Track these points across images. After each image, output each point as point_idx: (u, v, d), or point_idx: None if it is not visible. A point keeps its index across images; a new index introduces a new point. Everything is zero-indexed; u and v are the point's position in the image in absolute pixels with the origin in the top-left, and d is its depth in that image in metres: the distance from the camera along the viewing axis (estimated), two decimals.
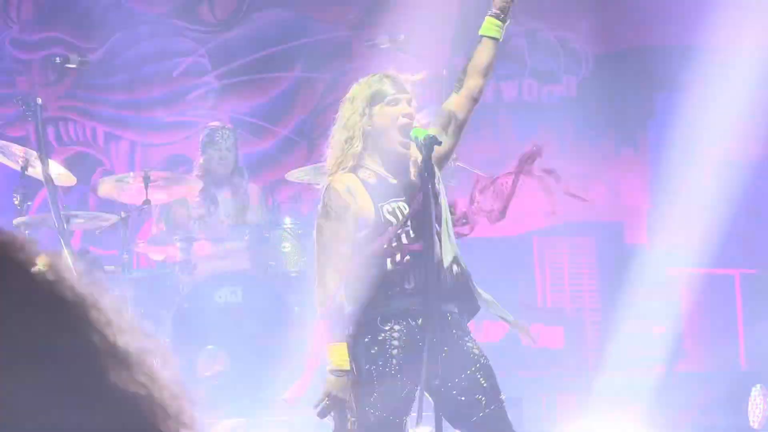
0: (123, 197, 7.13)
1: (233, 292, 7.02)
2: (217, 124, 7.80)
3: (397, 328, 4.31)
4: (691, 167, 9.21)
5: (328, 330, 4.31)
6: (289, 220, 7.32)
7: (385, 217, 4.35)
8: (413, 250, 4.31)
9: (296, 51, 9.52)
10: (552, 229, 8.96)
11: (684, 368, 8.36)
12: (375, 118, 4.38)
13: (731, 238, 8.80)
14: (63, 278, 1.14)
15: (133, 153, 9.56)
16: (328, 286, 4.30)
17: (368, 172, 4.41)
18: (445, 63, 7.01)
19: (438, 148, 4.32)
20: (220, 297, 7.01)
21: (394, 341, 4.31)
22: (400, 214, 4.36)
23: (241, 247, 7.43)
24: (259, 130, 9.50)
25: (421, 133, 4.28)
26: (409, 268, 4.32)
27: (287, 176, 7.61)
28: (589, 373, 8.20)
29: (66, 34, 9.46)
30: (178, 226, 7.51)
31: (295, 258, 7.22)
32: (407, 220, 4.32)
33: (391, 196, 4.38)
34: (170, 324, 6.88)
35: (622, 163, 9.40)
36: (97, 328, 1.11)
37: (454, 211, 4.51)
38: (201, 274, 7.14)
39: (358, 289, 4.34)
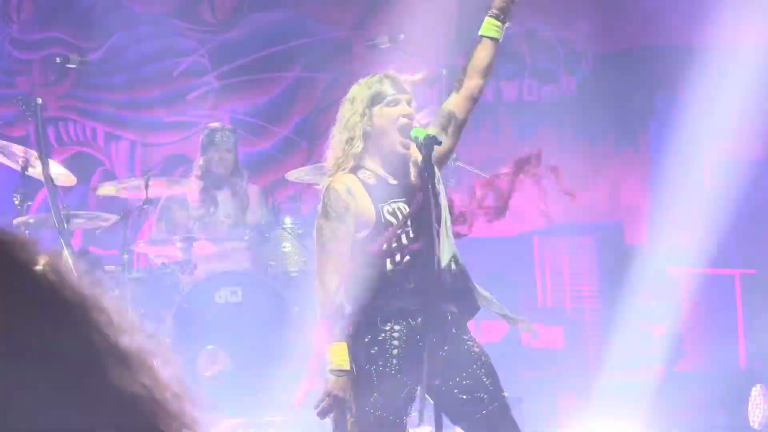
0: (123, 194, 7.21)
1: (233, 292, 7.02)
2: (217, 125, 7.77)
3: (397, 328, 4.31)
4: (691, 167, 9.22)
5: (328, 330, 4.31)
6: (289, 220, 7.32)
7: (385, 218, 4.35)
8: (413, 250, 4.31)
9: (296, 51, 9.52)
10: (552, 229, 8.94)
11: (684, 368, 8.36)
12: (375, 119, 4.39)
13: (731, 238, 8.80)
14: (64, 279, 1.14)
15: (133, 153, 9.55)
16: (328, 286, 4.30)
17: (368, 173, 4.41)
18: (445, 63, 7.00)
19: (438, 148, 4.32)
20: (220, 297, 7.01)
21: (394, 341, 4.31)
22: (400, 215, 4.36)
23: (241, 247, 7.43)
24: (259, 130, 9.50)
25: (421, 133, 4.29)
26: (409, 269, 4.32)
27: (287, 176, 7.61)
28: (589, 373, 8.19)
29: (66, 34, 9.45)
30: (178, 227, 7.52)
31: (295, 258, 7.22)
32: (407, 220, 4.32)
33: (391, 197, 4.38)
34: (170, 324, 6.88)
35: (622, 163, 9.39)
36: (99, 328, 1.11)
37: (453, 211, 4.51)
38: (201, 274, 7.14)
39: (358, 290, 4.34)
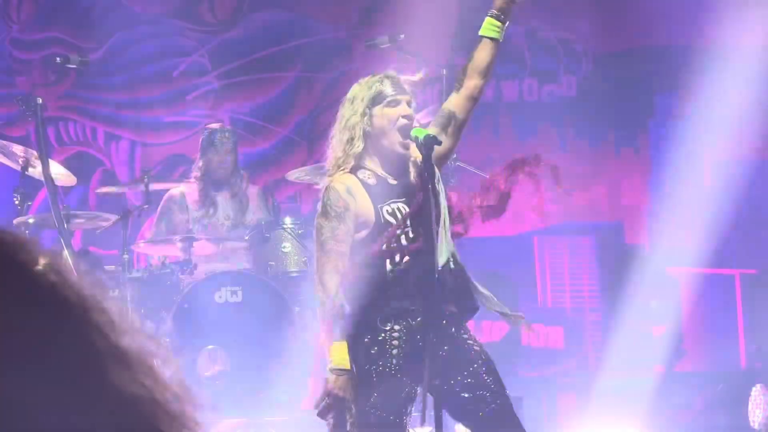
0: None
1: (233, 292, 7.01)
2: (216, 126, 7.71)
3: (397, 329, 4.31)
4: (691, 167, 9.22)
5: (327, 329, 4.31)
6: (289, 220, 7.31)
7: (384, 218, 4.35)
8: (413, 250, 4.31)
9: (296, 51, 9.52)
10: (552, 229, 8.95)
11: (684, 368, 8.36)
12: (375, 119, 4.39)
13: (731, 238, 8.80)
14: (64, 279, 1.14)
15: (133, 153, 9.55)
16: (328, 286, 4.30)
17: (368, 173, 4.41)
18: (445, 63, 7.00)
19: (438, 148, 4.32)
20: (220, 297, 7.00)
21: (393, 341, 4.31)
22: (399, 215, 4.36)
23: (241, 247, 7.43)
24: (259, 130, 9.50)
25: (421, 132, 4.29)
26: (408, 269, 4.32)
27: (287, 176, 7.61)
28: (589, 373, 8.19)
29: (66, 34, 9.45)
30: (178, 228, 7.51)
31: (295, 258, 7.22)
32: (407, 221, 4.32)
33: (390, 197, 4.39)
34: (170, 324, 6.88)
35: (622, 163, 9.39)
36: (99, 328, 1.11)
37: (452, 210, 4.51)
38: (201, 274, 7.14)
39: (358, 290, 4.34)
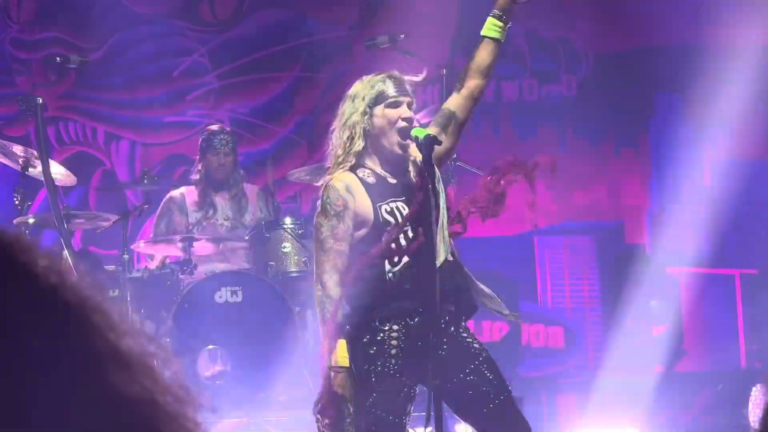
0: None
1: (233, 292, 7.02)
2: (215, 128, 7.67)
3: (396, 329, 4.31)
4: (691, 167, 9.22)
5: (326, 327, 4.31)
6: (289, 220, 7.31)
7: (383, 217, 4.35)
8: (412, 250, 4.31)
9: (296, 51, 9.52)
10: (552, 229, 8.95)
11: (684, 368, 8.36)
12: (375, 119, 4.39)
13: (731, 238, 8.80)
14: (64, 281, 1.13)
15: (133, 153, 9.55)
16: (326, 285, 4.30)
17: (367, 171, 4.41)
18: (445, 63, 7.00)
19: (438, 148, 4.32)
20: (220, 297, 7.01)
21: (392, 341, 4.30)
22: (398, 214, 4.36)
23: (241, 247, 7.43)
24: (259, 130, 9.50)
25: (421, 132, 4.29)
26: (407, 269, 4.31)
27: (287, 176, 7.61)
28: (589, 373, 8.20)
29: (66, 34, 9.45)
30: (177, 229, 7.51)
31: (295, 258, 7.22)
32: (406, 222, 4.31)
33: (389, 196, 4.39)
34: (170, 324, 6.88)
35: (622, 163, 9.39)
36: (99, 330, 1.11)
37: (451, 210, 4.50)
38: (201, 274, 7.14)
39: (356, 289, 4.34)
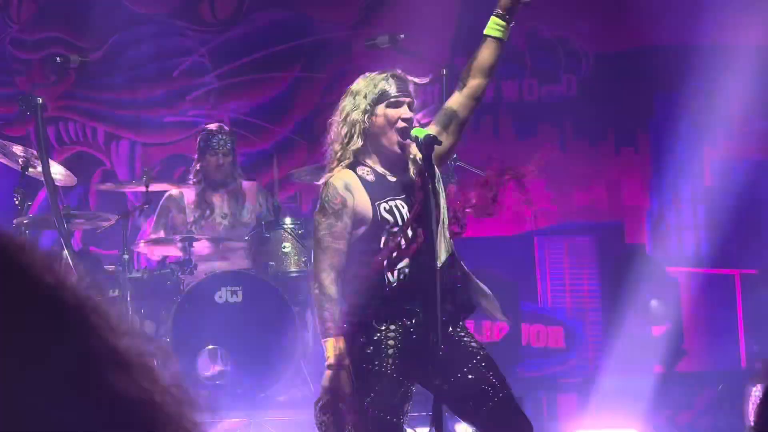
0: (125, 189, 7.27)
1: (233, 292, 7.01)
2: (213, 128, 7.61)
3: (393, 328, 4.31)
4: (691, 167, 9.22)
5: (323, 326, 4.31)
6: (289, 220, 7.31)
7: (382, 216, 4.35)
8: (411, 250, 4.30)
9: (296, 51, 9.52)
10: (552, 229, 8.95)
11: (684, 368, 8.36)
12: (375, 118, 4.39)
13: (731, 238, 8.80)
14: (63, 281, 1.13)
15: (133, 153, 9.55)
16: (324, 283, 4.30)
17: (367, 170, 4.41)
18: (445, 63, 7.00)
19: (439, 147, 4.32)
20: (220, 297, 7.00)
21: (389, 341, 4.30)
22: (397, 213, 4.36)
23: (241, 247, 7.42)
24: (259, 130, 9.50)
25: (421, 132, 4.28)
26: (406, 269, 4.31)
27: (287, 176, 7.61)
28: (589, 373, 8.19)
29: (66, 34, 9.45)
30: (176, 229, 7.51)
31: (295, 258, 7.22)
32: (409, 224, 4.29)
33: (389, 194, 4.39)
34: (170, 324, 6.88)
35: (622, 163, 9.39)
36: (98, 331, 1.11)
37: (448, 210, 4.50)
38: (201, 274, 7.14)
39: (354, 288, 4.34)
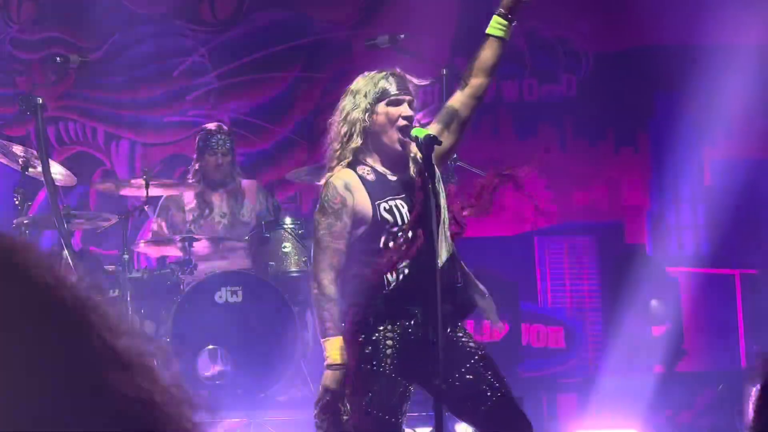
0: (124, 192, 7.23)
1: (233, 292, 7.01)
2: (213, 128, 7.61)
3: (391, 328, 4.31)
4: (691, 167, 9.22)
5: (322, 325, 4.31)
6: (289, 220, 7.31)
7: (381, 216, 4.35)
8: (413, 252, 4.30)
9: (296, 51, 9.52)
10: (552, 229, 8.95)
11: (684, 368, 8.35)
12: (375, 116, 4.39)
13: (731, 238, 8.80)
14: (63, 281, 1.13)
15: (133, 153, 9.55)
16: (323, 283, 4.30)
17: (367, 169, 4.41)
18: (445, 63, 7.00)
19: (440, 145, 4.32)
20: (220, 297, 7.00)
21: (388, 341, 4.30)
22: (397, 213, 4.36)
23: (241, 246, 7.42)
24: (259, 130, 9.50)
25: (421, 132, 4.28)
26: (405, 268, 4.31)
27: (287, 176, 7.61)
28: (589, 373, 8.20)
29: (66, 34, 9.45)
30: (176, 228, 7.51)
31: (295, 258, 7.22)
32: (412, 225, 4.28)
33: (389, 194, 4.38)
34: (170, 324, 6.88)
35: (622, 163, 9.39)
36: (98, 331, 1.11)
37: (449, 210, 4.50)
38: (201, 274, 7.14)
39: (354, 288, 4.34)
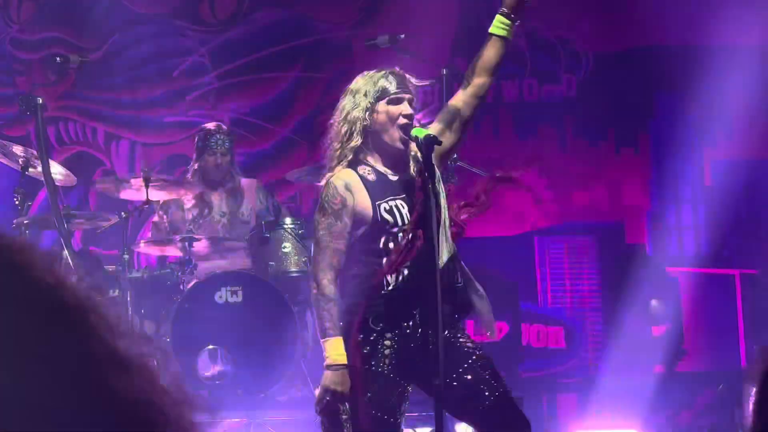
0: (123, 195, 7.16)
1: (233, 292, 7.01)
2: (212, 128, 7.59)
3: (390, 329, 4.31)
4: (691, 167, 9.22)
5: (322, 325, 4.30)
6: (289, 220, 7.31)
7: (382, 216, 4.34)
8: (413, 254, 4.29)
9: (296, 51, 9.52)
10: (552, 229, 8.95)
11: (684, 368, 8.35)
12: (376, 115, 4.38)
13: (731, 238, 8.80)
14: (62, 282, 1.13)
15: (133, 153, 9.55)
16: (322, 283, 4.30)
17: (368, 169, 4.41)
18: (445, 63, 7.00)
19: (442, 144, 4.33)
20: (220, 297, 7.00)
21: (386, 341, 4.30)
22: (397, 213, 4.36)
23: (241, 246, 7.42)
24: (259, 130, 9.50)
25: (421, 132, 4.28)
26: (404, 269, 4.31)
27: (287, 176, 7.61)
28: (589, 373, 8.20)
29: (66, 34, 9.45)
30: (176, 227, 7.51)
31: (295, 258, 7.22)
32: (413, 226, 4.28)
33: (389, 194, 4.38)
34: (170, 324, 6.88)
35: (622, 163, 9.40)
36: (97, 332, 1.11)
37: (451, 210, 4.50)
38: (201, 274, 7.14)
39: (353, 288, 4.34)
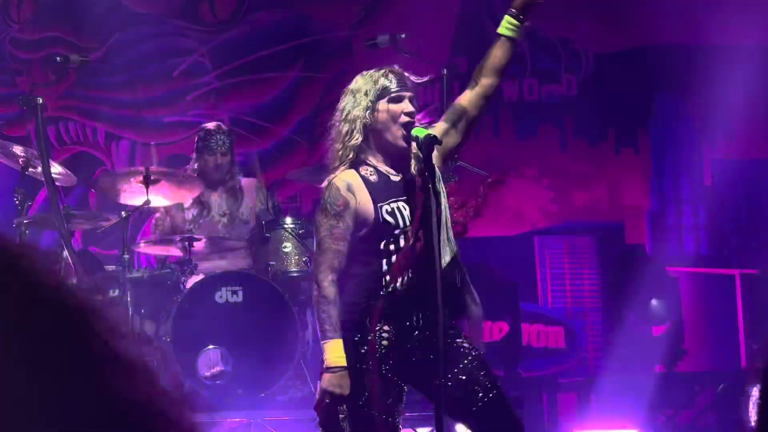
0: (123, 197, 7.10)
1: (233, 292, 7.01)
2: (212, 127, 7.56)
3: (387, 329, 4.31)
4: (691, 167, 9.22)
5: (321, 327, 4.30)
6: (289, 220, 7.31)
7: (383, 218, 4.34)
8: (413, 253, 4.29)
9: (296, 51, 9.52)
10: (552, 229, 8.95)
11: (684, 368, 8.36)
12: (377, 114, 4.38)
13: (731, 238, 8.81)
14: (62, 283, 1.13)
15: (133, 153, 9.55)
16: (323, 284, 4.29)
17: (370, 169, 4.41)
18: (445, 63, 7.00)
19: (445, 144, 4.33)
20: (220, 297, 7.00)
21: (383, 341, 4.30)
22: (399, 215, 4.35)
23: (241, 246, 7.42)
24: (259, 130, 9.50)
25: (421, 132, 4.28)
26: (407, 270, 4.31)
27: (288, 176, 7.62)
28: (589, 373, 8.20)
29: (66, 34, 9.45)
30: (176, 227, 7.51)
31: (296, 258, 7.22)
32: (417, 228, 4.28)
33: (391, 196, 4.38)
34: (170, 324, 6.88)
35: (622, 163, 9.40)
36: (97, 333, 1.11)
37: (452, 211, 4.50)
38: (201, 274, 7.14)
39: (353, 288, 4.34)
